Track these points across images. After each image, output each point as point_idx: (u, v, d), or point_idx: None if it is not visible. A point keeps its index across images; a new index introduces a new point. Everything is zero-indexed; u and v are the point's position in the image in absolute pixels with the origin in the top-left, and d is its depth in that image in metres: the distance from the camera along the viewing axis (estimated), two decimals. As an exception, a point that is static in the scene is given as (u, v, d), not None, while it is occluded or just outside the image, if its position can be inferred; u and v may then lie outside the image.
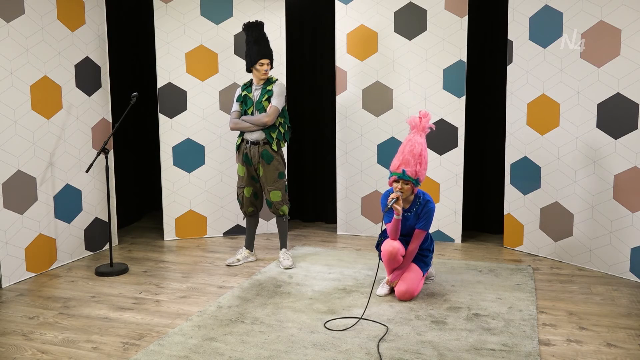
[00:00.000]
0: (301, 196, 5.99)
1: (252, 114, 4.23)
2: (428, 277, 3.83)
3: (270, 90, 4.17)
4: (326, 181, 5.87)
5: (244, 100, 4.28)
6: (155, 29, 5.01)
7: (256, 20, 4.22)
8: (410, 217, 3.58)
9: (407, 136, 3.58)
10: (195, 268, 4.34)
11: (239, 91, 4.35)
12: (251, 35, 4.17)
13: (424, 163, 3.51)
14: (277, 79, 4.26)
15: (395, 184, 3.49)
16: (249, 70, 4.25)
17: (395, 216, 3.46)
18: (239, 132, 4.38)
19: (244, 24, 4.21)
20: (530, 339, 2.94)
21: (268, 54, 4.17)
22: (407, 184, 3.46)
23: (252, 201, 4.38)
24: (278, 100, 4.16)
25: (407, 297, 3.51)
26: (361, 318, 3.22)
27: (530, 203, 4.59)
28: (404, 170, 3.44)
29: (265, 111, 4.15)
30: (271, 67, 4.22)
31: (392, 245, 3.53)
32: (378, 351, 2.82)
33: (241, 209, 4.45)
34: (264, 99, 4.16)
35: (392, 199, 3.41)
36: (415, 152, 3.46)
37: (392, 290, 3.67)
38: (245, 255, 4.52)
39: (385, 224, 3.59)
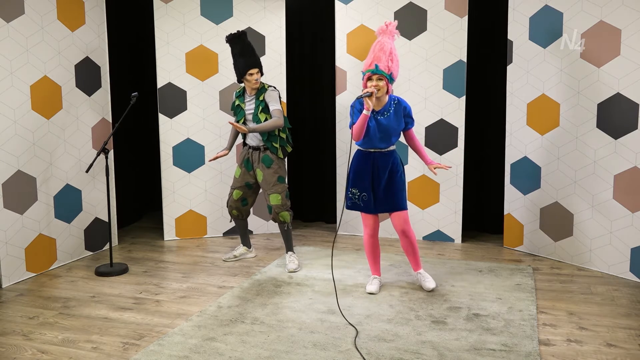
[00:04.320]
0: (301, 196, 5.99)
1: (244, 123, 4.22)
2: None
3: (263, 101, 4.14)
4: (326, 181, 5.87)
5: (235, 110, 4.28)
6: (155, 29, 5.01)
7: (238, 31, 4.15)
8: (387, 119, 3.53)
9: (376, 40, 3.56)
10: (195, 268, 4.34)
11: (233, 98, 4.36)
12: (235, 48, 4.13)
13: (396, 61, 3.50)
14: (268, 86, 4.20)
15: (369, 82, 3.46)
16: (239, 81, 4.22)
17: (364, 111, 3.40)
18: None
19: (227, 37, 4.15)
20: (530, 339, 2.94)
21: (256, 63, 4.12)
22: (381, 80, 3.44)
23: (237, 205, 4.37)
24: (276, 105, 4.13)
25: (406, 227, 3.62)
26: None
27: (530, 203, 4.59)
28: (376, 65, 3.43)
29: (262, 122, 4.12)
30: (262, 74, 4.19)
31: (370, 235, 3.68)
32: (357, 349, 2.82)
33: (226, 207, 4.45)
34: (259, 112, 4.15)
35: (367, 91, 3.37)
36: (385, 49, 3.45)
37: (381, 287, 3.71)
38: (242, 251, 4.55)
39: (350, 127, 3.56)
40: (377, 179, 3.59)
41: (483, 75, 5.18)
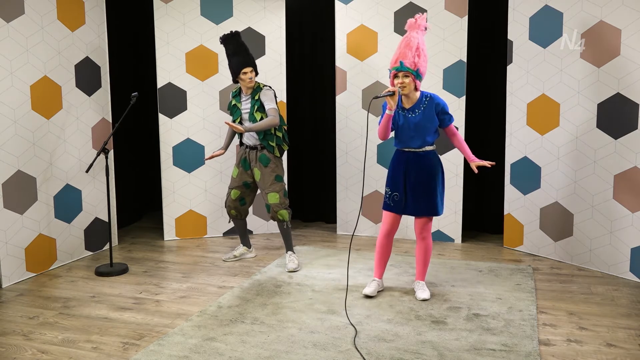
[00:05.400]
0: (301, 196, 5.99)
1: (239, 123, 4.24)
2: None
3: (258, 100, 4.15)
4: (326, 181, 5.88)
5: (232, 110, 4.29)
6: (155, 29, 5.01)
7: (231, 32, 4.18)
8: (417, 116, 3.44)
9: (404, 36, 3.48)
10: (195, 268, 4.34)
11: (230, 98, 4.38)
12: (229, 49, 4.16)
13: (423, 56, 3.40)
14: (264, 86, 4.21)
15: (395, 80, 3.39)
16: (235, 81, 4.24)
17: (387, 111, 3.34)
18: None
19: (221, 38, 4.18)
20: (530, 339, 2.94)
21: (249, 62, 4.14)
22: (407, 77, 3.36)
23: (236, 205, 4.38)
24: (271, 103, 4.14)
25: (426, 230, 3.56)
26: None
27: (530, 203, 4.58)
28: (401, 62, 3.34)
29: (257, 121, 4.13)
30: (256, 74, 4.20)
31: (385, 234, 3.58)
32: (356, 348, 2.82)
33: (225, 207, 4.46)
34: (254, 111, 4.15)
35: (388, 90, 3.29)
36: (411, 44, 3.36)
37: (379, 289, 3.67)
38: (242, 251, 4.56)
39: (379, 124, 3.47)
40: (409, 179, 3.50)
41: (483, 75, 5.18)
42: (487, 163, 3.48)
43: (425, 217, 3.54)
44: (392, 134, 4.61)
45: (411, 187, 3.50)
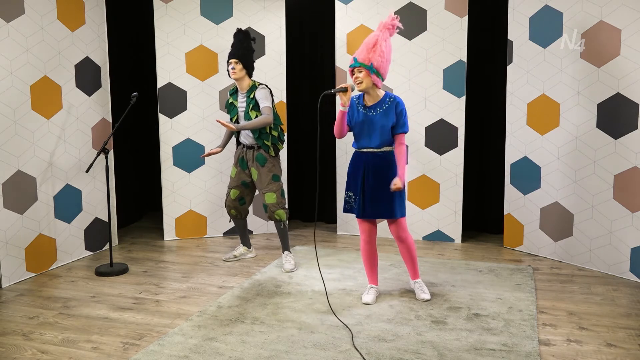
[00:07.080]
0: (301, 196, 5.99)
1: (236, 121, 4.24)
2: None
3: (253, 99, 4.13)
4: (326, 181, 5.88)
5: (229, 108, 4.28)
6: (155, 29, 5.01)
7: (239, 28, 4.21)
8: (378, 115, 3.38)
9: None
10: (195, 268, 4.34)
11: (227, 96, 4.37)
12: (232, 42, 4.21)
13: (380, 52, 3.32)
14: (259, 84, 4.19)
15: (353, 77, 3.37)
16: (230, 76, 4.22)
17: (340, 107, 3.32)
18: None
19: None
20: (530, 339, 2.94)
21: (235, 55, 4.11)
22: (361, 72, 3.31)
23: (235, 204, 4.38)
24: (266, 102, 4.11)
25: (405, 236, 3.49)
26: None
27: (530, 203, 4.59)
28: (355, 59, 3.33)
29: (252, 119, 4.12)
30: (247, 71, 4.16)
31: (366, 241, 3.52)
32: (356, 349, 2.82)
33: (225, 207, 4.45)
34: (250, 109, 4.15)
35: (341, 87, 3.29)
36: (369, 42, 3.34)
37: (378, 296, 3.64)
38: (242, 251, 4.56)
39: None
40: (368, 181, 3.41)
41: (483, 75, 5.18)
42: (398, 188, 3.33)
43: (394, 219, 3.44)
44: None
45: (372, 188, 3.40)
